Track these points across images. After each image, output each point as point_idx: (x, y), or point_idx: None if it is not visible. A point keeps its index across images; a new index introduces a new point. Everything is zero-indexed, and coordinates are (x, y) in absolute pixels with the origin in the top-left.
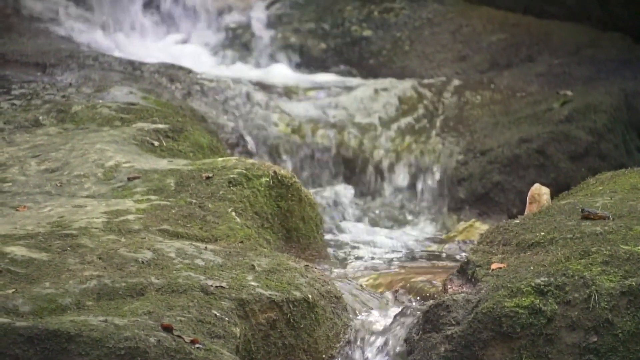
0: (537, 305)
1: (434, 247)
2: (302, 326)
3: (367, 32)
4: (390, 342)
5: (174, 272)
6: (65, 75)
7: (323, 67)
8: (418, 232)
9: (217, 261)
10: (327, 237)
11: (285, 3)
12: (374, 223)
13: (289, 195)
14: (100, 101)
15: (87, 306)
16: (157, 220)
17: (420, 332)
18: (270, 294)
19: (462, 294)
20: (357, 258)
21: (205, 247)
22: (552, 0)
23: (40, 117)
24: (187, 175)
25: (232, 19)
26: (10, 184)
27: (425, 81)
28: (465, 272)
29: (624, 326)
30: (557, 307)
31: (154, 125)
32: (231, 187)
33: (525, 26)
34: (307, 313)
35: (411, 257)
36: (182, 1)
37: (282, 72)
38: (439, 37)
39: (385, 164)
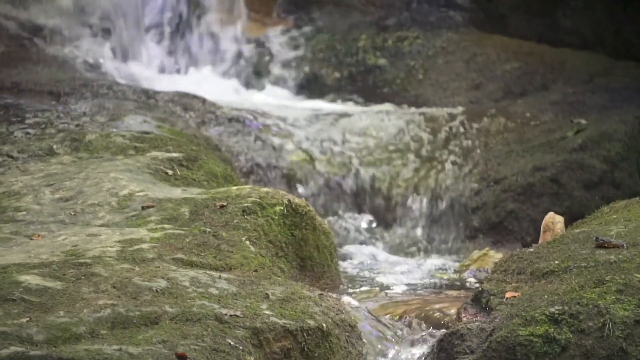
0: (552, 334)
1: (448, 276)
2: (316, 355)
3: (381, 61)
4: None
5: (188, 300)
6: (79, 104)
7: (337, 96)
8: (432, 261)
9: (231, 290)
10: (342, 265)
11: (299, 31)
12: (388, 251)
13: (303, 223)
14: (114, 130)
15: (102, 335)
16: (171, 249)
17: None
18: (284, 323)
19: (477, 323)
20: (372, 286)
21: (220, 276)
22: (566, 29)
23: (55, 146)
24: (201, 204)
25: (246, 47)
26: (24, 212)
27: (439, 110)
28: (480, 300)
29: (639, 355)
30: (571, 335)
31: (168, 154)
32: (245, 216)
33: (539, 54)
34: (321, 342)
35: (425, 285)
36: (196, 29)
37: (296, 101)
38: (452, 66)
39: (399, 192)
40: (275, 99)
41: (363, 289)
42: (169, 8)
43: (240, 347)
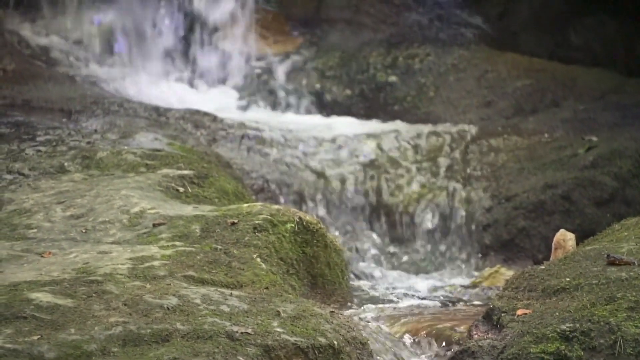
0: (563, 351)
1: (459, 293)
2: None
3: (392, 78)
4: None
5: (200, 318)
6: (90, 121)
7: (348, 113)
8: (443, 278)
9: (242, 307)
10: (353, 283)
11: (310, 49)
12: (399, 269)
13: (315, 241)
14: (126, 147)
15: (113, 352)
16: (183, 266)
17: None
18: (295, 340)
19: (488, 340)
20: (383, 304)
21: (231, 293)
22: (577, 46)
23: (66, 164)
24: (213, 221)
25: (257, 64)
26: (35, 230)
27: (451, 127)
28: (491, 318)
29: None
30: (582, 353)
31: (179, 172)
32: (256, 233)
33: (551, 72)
34: (332, 359)
35: (436, 303)
36: (206, 47)
37: (307, 118)
38: (464, 83)
39: (410, 209)
40: (285, 116)
41: (374, 306)
42: (179, 25)
43: None
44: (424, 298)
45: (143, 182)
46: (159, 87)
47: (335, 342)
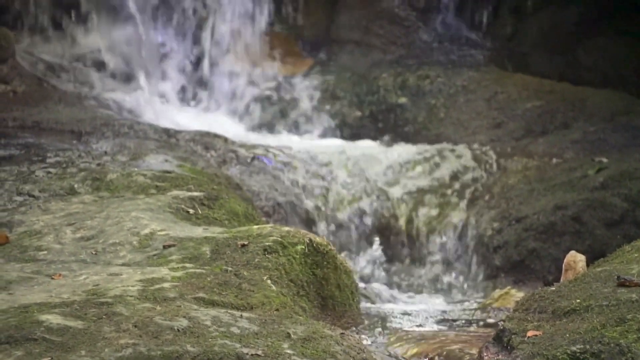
0: None
1: (470, 315)
2: None
3: (403, 100)
4: None
5: (210, 340)
6: (100, 143)
7: (358, 134)
8: (453, 300)
9: (252, 329)
10: (363, 304)
11: (321, 70)
12: (409, 290)
13: (325, 262)
14: (136, 169)
15: None
16: (193, 288)
17: None
18: None
19: None
20: (393, 325)
21: (241, 315)
22: (587, 67)
23: (76, 185)
24: (223, 243)
25: (267, 85)
26: (45, 252)
27: (461, 148)
28: (501, 339)
29: None
30: None
31: (189, 193)
32: (267, 255)
33: (560, 93)
34: None
35: (447, 324)
36: (218, 68)
37: (317, 139)
38: (474, 104)
39: (420, 231)
40: (295, 138)
41: (384, 327)
42: (189, 48)
43: None
44: (433, 319)
45: (153, 204)
46: (168, 108)
47: None
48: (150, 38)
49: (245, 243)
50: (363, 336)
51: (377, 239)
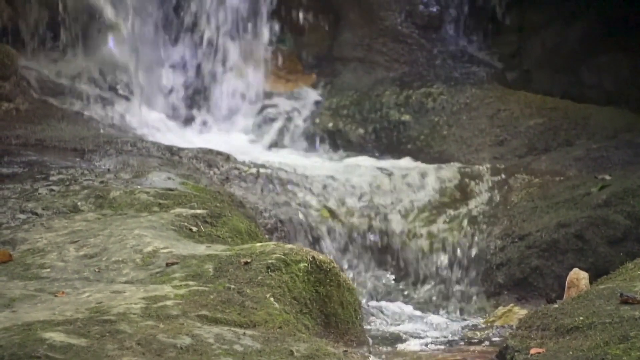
0: None
1: (473, 332)
2: None
3: (405, 117)
4: None
5: (213, 357)
6: (103, 160)
7: (361, 152)
8: (456, 317)
9: (255, 347)
10: (366, 322)
11: (323, 87)
12: (412, 307)
13: (328, 280)
14: (139, 187)
15: None
16: (196, 305)
17: None
18: None
19: None
20: (396, 343)
21: (244, 333)
22: (590, 85)
23: (79, 203)
24: (226, 260)
25: (270, 102)
26: (48, 269)
27: (463, 166)
28: (504, 357)
29: None
30: None
31: (192, 211)
32: (270, 273)
33: (563, 110)
34: None
35: (450, 342)
36: (220, 86)
37: (320, 157)
38: (476, 122)
39: (423, 248)
40: (298, 155)
41: (387, 345)
42: (191, 63)
43: None
44: (437, 337)
45: (156, 222)
46: (170, 125)
47: None
48: (150, 55)
49: (248, 261)
50: (366, 354)
51: (379, 257)
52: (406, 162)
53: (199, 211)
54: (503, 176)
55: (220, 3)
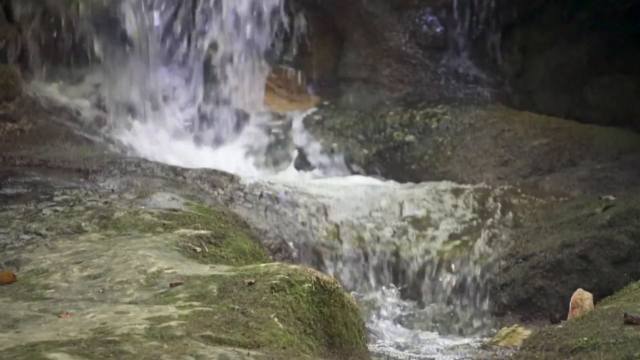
0: None
1: (477, 353)
2: None
3: (409, 137)
4: None
5: None
6: (107, 181)
7: (365, 172)
8: (460, 337)
9: None
10: (370, 342)
11: (328, 108)
12: (416, 328)
13: (332, 300)
14: (143, 207)
15: None
16: (200, 326)
17: None
18: None
19: None
20: None
21: (248, 353)
22: (594, 105)
23: (83, 224)
24: (230, 281)
25: (274, 123)
26: (52, 290)
27: (467, 186)
28: None
29: None
30: None
31: (196, 232)
32: (274, 293)
33: (567, 130)
34: None
35: None
36: (222, 106)
37: (323, 177)
38: (480, 142)
39: (427, 268)
40: (302, 176)
41: None
42: (195, 84)
43: None
44: (441, 357)
45: (160, 242)
46: (174, 146)
47: None
48: (155, 74)
49: (253, 281)
50: None
51: (384, 277)
52: (410, 182)
53: (203, 232)
54: (507, 197)
55: (224, 24)
